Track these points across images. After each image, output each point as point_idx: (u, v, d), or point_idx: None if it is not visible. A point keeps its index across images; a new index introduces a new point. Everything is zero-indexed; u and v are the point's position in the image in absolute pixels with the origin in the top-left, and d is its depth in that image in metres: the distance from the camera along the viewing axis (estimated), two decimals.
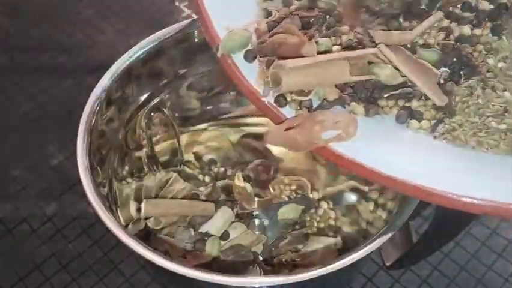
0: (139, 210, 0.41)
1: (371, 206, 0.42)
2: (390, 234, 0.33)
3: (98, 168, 0.38)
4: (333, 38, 0.29)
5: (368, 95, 0.27)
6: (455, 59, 0.27)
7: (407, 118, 0.26)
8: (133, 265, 0.49)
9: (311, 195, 0.46)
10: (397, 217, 0.34)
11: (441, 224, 0.33)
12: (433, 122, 0.26)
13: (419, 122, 0.26)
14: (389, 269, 0.46)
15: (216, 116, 0.49)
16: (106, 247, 0.50)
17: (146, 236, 0.41)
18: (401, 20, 0.30)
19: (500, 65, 0.26)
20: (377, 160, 0.25)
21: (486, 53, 0.27)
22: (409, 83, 0.27)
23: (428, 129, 0.26)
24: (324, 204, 0.45)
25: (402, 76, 0.27)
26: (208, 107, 0.48)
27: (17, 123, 0.60)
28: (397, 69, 0.27)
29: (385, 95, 0.27)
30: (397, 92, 0.27)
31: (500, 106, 0.25)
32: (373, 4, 0.29)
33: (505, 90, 0.26)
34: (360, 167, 0.25)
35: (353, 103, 0.27)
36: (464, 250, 0.49)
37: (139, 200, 0.43)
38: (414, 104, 0.27)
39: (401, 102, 0.27)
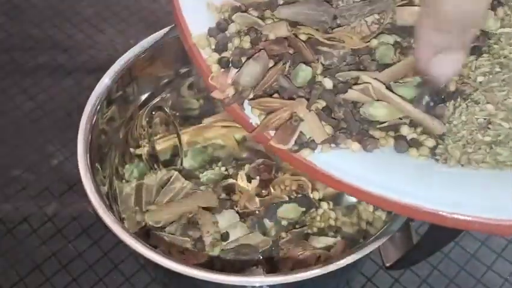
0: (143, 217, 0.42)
1: (371, 206, 0.42)
2: (390, 234, 0.33)
3: (99, 167, 0.38)
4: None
5: (360, 127, 0.27)
6: (432, 92, 0.27)
7: (407, 148, 0.26)
8: (133, 265, 0.49)
9: (312, 195, 0.46)
10: (397, 217, 0.34)
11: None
12: (432, 146, 0.26)
13: (418, 149, 0.26)
14: (389, 269, 0.46)
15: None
16: (106, 247, 0.50)
17: (146, 234, 0.41)
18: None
19: (480, 79, 0.27)
20: (367, 180, 0.25)
21: (461, 81, 0.27)
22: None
23: (429, 155, 0.26)
24: (324, 205, 0.45)
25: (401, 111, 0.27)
26: (208, 106, 0.48)
27: (17, 123, 0.60)
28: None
29: (377, 126, 0.27)
30: (386, 124, 0.27)
31: (484, 119, 0.25)
32: (322, 58, 0.29)
33: (488, 103, 0.26)
34: (352, 188, 0.26)
35: (348, 140, 0.26)
36: (463, 250, 0.49)
37: (139, 199, 0.43)
38: (405, 131, 0.27)
39: (391, 133, 0.27)
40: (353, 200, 0.45)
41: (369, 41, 0.28)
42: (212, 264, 0.40)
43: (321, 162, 0.26)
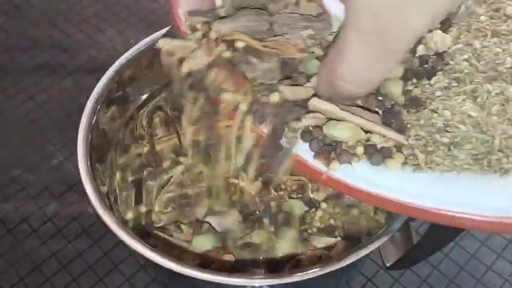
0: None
1: (371, 206, 0.42)
2: (390, 234, 0.33)
3: (99, 167, 0.38)
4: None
5: (327, 144, 0.26)
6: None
7: (382, 160, 0.26)
8: (133, 265, 0.49)
9: (312, 195, 0.46)
10: (397, 217, 0.34)
11: (441, 224, 0.33)
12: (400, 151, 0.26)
13: (394, 159, 0.26)
14: (389, 269, 0.46)
15: None
16: (106, 247, 0.50)
17: (147, 234, 0.41)
18: None
19: (438, 93, 0.27)
20: (357, 178, 0.26)
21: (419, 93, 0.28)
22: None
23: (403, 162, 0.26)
24: (324, 205, 0.45)
25: (365, 131, 0.26)
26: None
27: (17, 123, 0.60)
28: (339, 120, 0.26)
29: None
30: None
31: (442, 124, 0.26)
32: (247, 70, 0.28)
33: (445, 109, 0.26)
34: (340, 184, 0.26)
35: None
36: (464, 250, 0.49)
37: (139, 200, 0.43)
38: (375, 140, 0.27)
39: (361, 143, 0.27)
40: (353, 199, 0.45)
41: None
42: (212, 264, 0.40)
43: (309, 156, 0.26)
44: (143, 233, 0.41)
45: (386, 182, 0.25)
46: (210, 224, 0.42)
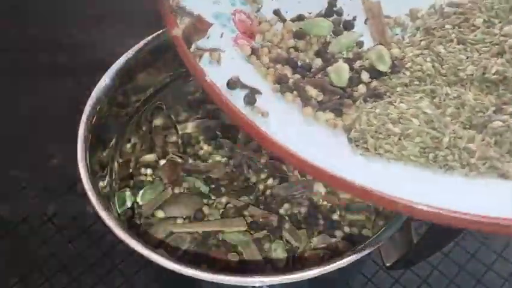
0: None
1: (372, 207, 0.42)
2: (390, 234, 0.33)
3: (99, 168, 0.38)
4: None
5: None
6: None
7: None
8: (133, 265, 0.49)
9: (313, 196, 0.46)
10: (397, 217, 0.34)
11: (441, 224, 0.33)
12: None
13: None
14: (389, 269, 0.46)
15: None
16: (106, 247, 0.50)
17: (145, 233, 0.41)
18: None
19: (399, 89, 0.29)
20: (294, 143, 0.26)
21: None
22: None
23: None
24: (324, 204, 0.45)
25: None
26: (210, 106, 0.48)
27: (17, 123, 0.60)
28: None
29: None
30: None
31: (397, 115, 0.27)
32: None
33: (402, 103, 0.28)
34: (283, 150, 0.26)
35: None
36: (463, 250, 0.49)
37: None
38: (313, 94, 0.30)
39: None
40: (354, 200, 0.45)
41: None
42: (212, 264, 0.40)
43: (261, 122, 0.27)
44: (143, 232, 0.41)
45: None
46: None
